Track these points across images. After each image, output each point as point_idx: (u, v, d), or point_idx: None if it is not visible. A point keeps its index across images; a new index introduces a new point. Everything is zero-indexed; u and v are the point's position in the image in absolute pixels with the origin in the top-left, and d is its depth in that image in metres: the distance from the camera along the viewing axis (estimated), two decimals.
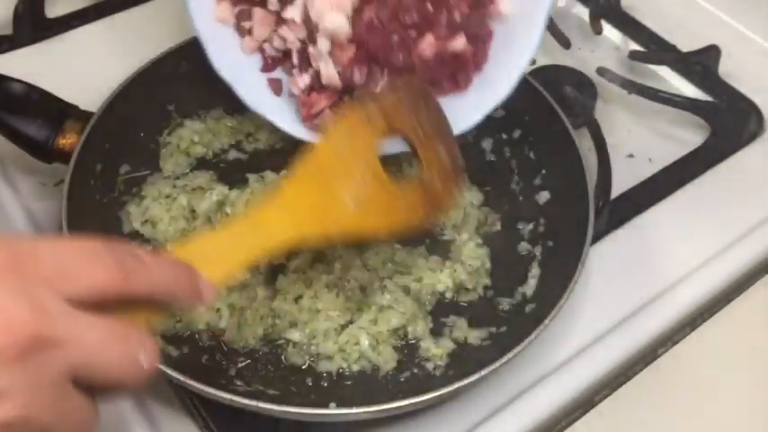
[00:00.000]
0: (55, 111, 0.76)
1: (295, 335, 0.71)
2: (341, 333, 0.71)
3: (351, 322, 0.71)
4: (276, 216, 0.52)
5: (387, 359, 0.70)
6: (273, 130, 0.75)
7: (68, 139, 0.74)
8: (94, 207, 0.75)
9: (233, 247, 0.49)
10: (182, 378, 0.59)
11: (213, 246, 0.48)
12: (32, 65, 0.93)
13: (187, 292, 0.44)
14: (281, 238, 0.51)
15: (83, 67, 0.92)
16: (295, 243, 0.53)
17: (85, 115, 0.76)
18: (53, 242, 0.39)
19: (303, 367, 0.70)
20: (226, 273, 0.48)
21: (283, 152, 0.81)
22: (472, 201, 0.81)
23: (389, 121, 0.58)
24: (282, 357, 0.70)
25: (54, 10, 1.00)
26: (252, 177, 0.80)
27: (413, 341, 0.72)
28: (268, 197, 0.54)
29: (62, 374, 0.37)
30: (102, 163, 0.76)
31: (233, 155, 0.86)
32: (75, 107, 0.78)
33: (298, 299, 0.72)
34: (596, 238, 0.78)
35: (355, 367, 0.70)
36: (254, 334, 0.71)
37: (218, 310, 0.72)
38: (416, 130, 0.59)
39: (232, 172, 0.83)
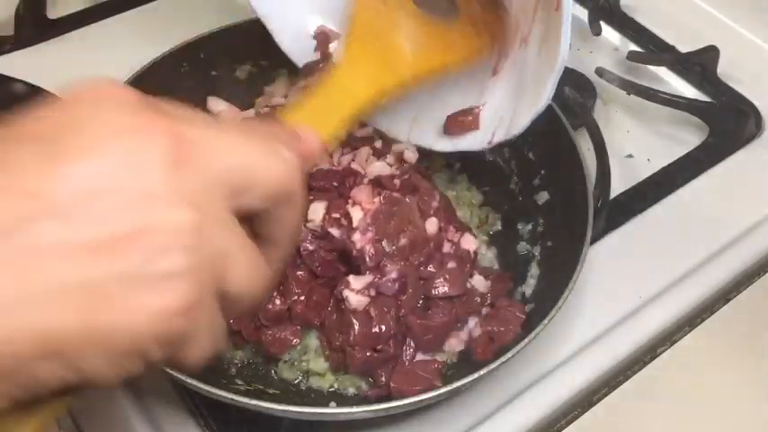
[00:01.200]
0: None
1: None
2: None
3: None
4: (348, 76, 0.55)
5: None
6: None
7: None
8: None
9: (324, 112, 0.52)
10: (182, 377, 0.60)
11: (305, 116, 0.51)
12: (34, 66, 0.93)
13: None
14: (363, 93, 0.55)
15: (84, 68, 0.91)
16: (377, 95, 0.56)
17: None
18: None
19: (295, 382, 0.70)
20: (327, 134, 0.51)
21: None
22: (472, 200, 0.82)
23: None
24: (274, 372, 0.70)
25: (55, 11, 1.00)
26: None
27: None
28: (333, 66, 0.57)
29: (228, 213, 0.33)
30: None
31: None
32: None
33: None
34: (595, 239, 0.78)
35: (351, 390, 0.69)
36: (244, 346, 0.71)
37: None
38: None
39: None
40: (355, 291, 0.67)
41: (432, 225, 0.72)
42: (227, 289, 0.34)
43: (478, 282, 0.72)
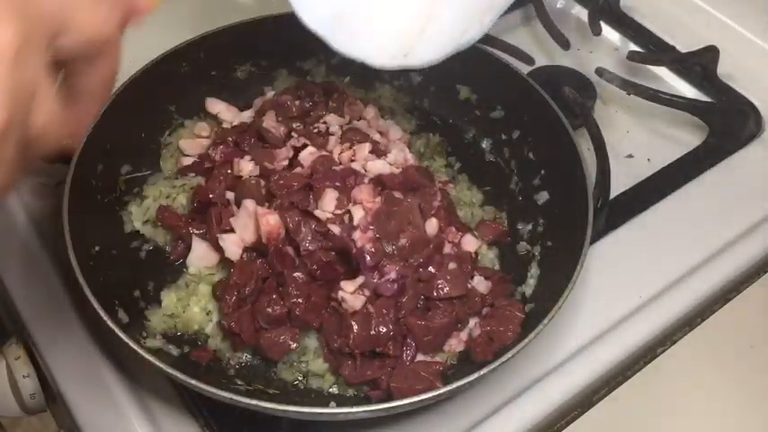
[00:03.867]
0: None
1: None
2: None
3: None
4: None
5: None
6: None
7: None
8: (95, 207, 0.75)
9: None
10: (183, 377, 0.60)
11: None
12: None
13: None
14: None
15: None
16: None
17: None
18: None
19: (295, 383, 0.70)
20: None
21: None
22: (473, 200, 0.82)
23: None
24: (273, 372, 0.70)
25: None
26: None
27: None
28: None
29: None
30: (104, 163, 0.76)
31: None
32: None
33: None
34: (595, 238, 0.78)
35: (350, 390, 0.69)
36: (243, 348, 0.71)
37: (208, 312, 0.72)
38: None
39: None
40: (350, 292, 0.67)
41: (432, 226, 0.72)
42: (29, 125, 0.34)
43: (479, 282, 0.72)
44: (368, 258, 0.68)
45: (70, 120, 0.38)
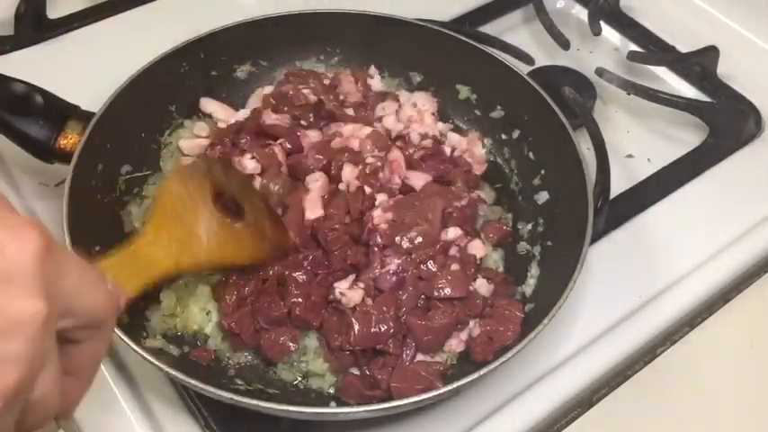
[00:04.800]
0: (56, 111, 0.76)
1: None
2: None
3: None
4: (152, 247, 0.62)
5: None
6: None
7: (70, 140, 0.75)
8: (96, 207, 0.75)
9: (129, 272, 0.58)
10: (182, 377, 0.60)
11: (113, 272, 0.55)
12: (34, 65, 0.93)
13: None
14: (162, 264, 0.62)
15: (84, 68, 0.92)
16: (174, 269, 0.63)
17: (87, 115, 0.76)
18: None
19: (295, 383, 0.70)
20: (129, 290, 0.56)
21: None
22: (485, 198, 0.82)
23: (210, 178, 0.69)
24: (273, 372, 0.70)
25: (55, 11, 1.00)
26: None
27: None
28: (138, 234, 0.65)
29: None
30: (104, 163, 0.76)
31: None
32: (76, 107, 0.78)
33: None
34: (595, 238, 0.78)
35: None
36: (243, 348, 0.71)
37: (208, 312, 0.72)
38: (230, 187, 0.70)
39: None
40: (346, 288, 0.68)
41: (452, 232, 0.73)
42: (31, 394, 0.36)
43: (481, 285, 0.72)
44: (378, 238, 0.69)
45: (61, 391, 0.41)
